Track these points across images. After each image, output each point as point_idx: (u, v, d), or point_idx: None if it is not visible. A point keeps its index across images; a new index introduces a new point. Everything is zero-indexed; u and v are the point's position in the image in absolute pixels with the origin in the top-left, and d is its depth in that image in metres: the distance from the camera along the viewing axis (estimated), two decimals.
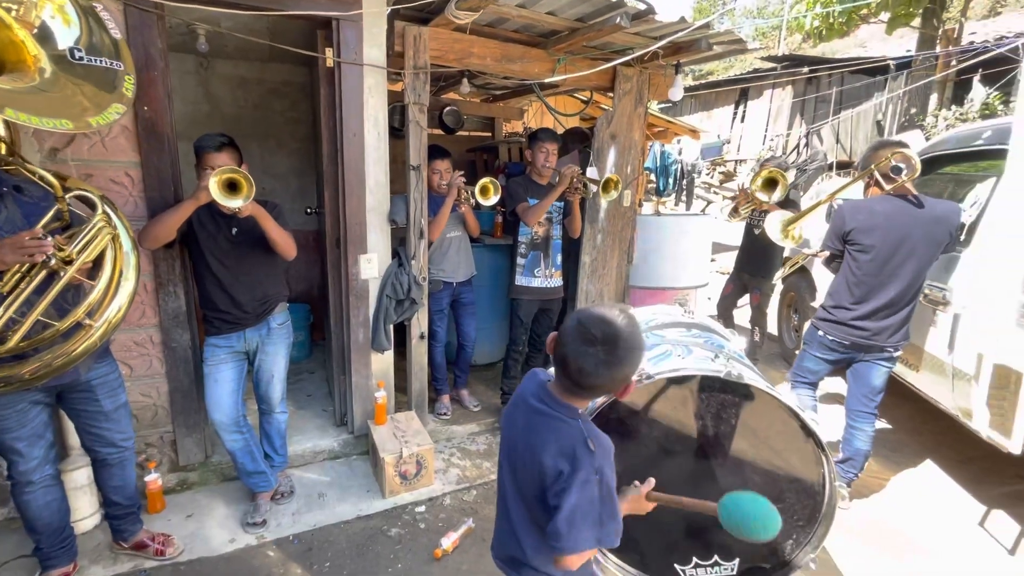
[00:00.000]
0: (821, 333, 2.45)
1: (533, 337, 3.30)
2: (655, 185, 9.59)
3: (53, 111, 1.49)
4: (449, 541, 2.20)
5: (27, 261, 1.49)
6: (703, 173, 10.66)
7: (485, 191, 2.76)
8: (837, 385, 3.78)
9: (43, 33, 1.55)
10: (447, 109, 4.97)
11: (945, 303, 2.45)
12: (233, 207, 1.89)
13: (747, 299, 4.19)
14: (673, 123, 6.74)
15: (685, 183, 9.73)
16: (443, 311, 3.16)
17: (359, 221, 2.64)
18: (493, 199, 2.77)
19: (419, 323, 2.91)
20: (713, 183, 12.00)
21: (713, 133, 14.29)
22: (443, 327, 3.19)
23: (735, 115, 14.55)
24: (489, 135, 5.56)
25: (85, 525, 2.22)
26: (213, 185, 1.83)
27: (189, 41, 3.06)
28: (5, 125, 1.70)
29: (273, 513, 2.40)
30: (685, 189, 9.81)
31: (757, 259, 3.90)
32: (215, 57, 3.80)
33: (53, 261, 1.51)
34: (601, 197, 2.98)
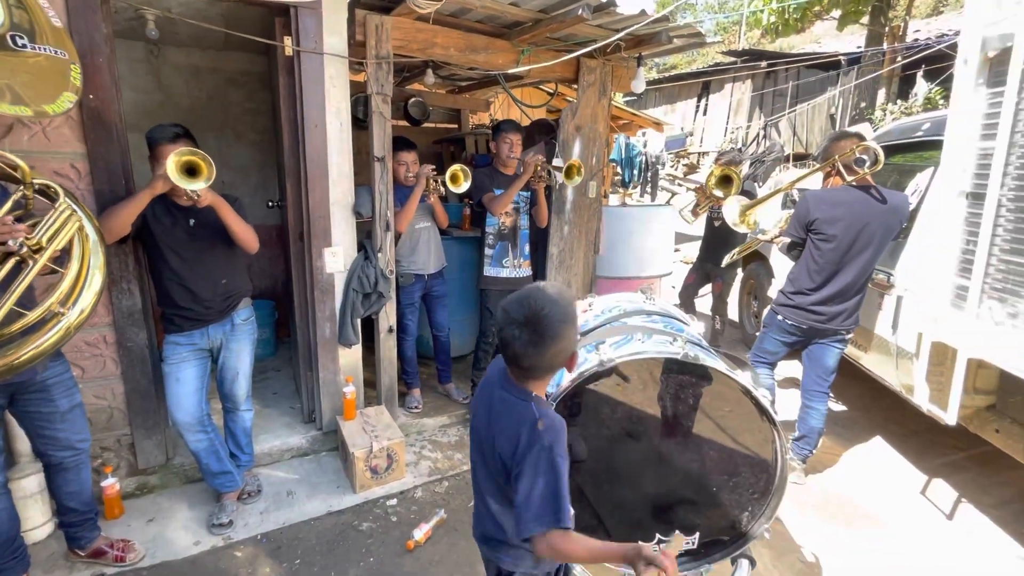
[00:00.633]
0: (780, 318, 2.56)
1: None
2: (621, 177, 9.73)
3: (12, 97, 1.42)
4: (421, 532, 2.20)
5: None
6: (667, 165, 10.88)
7: (455, 179, 2.75)
8: (795, 370, 3.95)
9: None
10: (412, 100, 4.90)
11: (890, 286, 2.60)
12: (194, 189, 1.82)
13: (709, 287, 4.34)
14: (638, 116, 6.85)
15: (649, 175, 9.91)
16: (415, 304, 3.14)
17: (323, 214, 2.59)
18: (464, 186, 2.76)
19: (387, 316, 2.89)
20: (677, 175, 12.26)
21: (677, 126, 14.59)
22: (414, 320, 3.17)
23: (698, 108, 14.87)
24: (456, 127, 5.52)
25: (37, 535, 2.13)
26: (171, 167, 1.76)
27: (138, 27, 2.91)
28: None
29: (240, 513, 2.35)
30: (650, 181, 10.00)
31: (718, 249, 4.03)
32: (166, 44, 3.64)
33: (24, 249, 1.44)
34: (565, 182, 3.01)
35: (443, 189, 2.84)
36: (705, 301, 4.73)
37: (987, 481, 2.70)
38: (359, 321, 2.79)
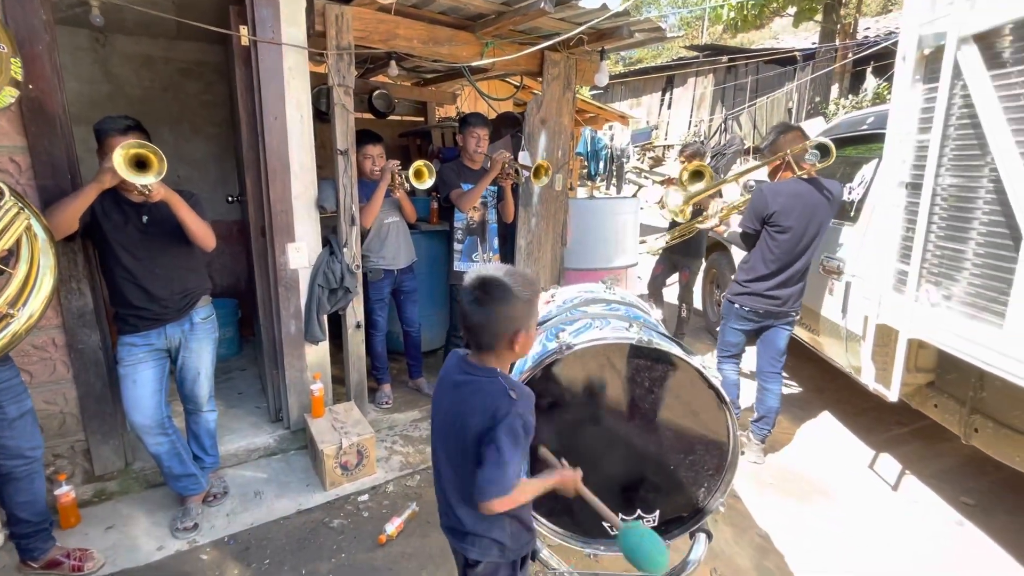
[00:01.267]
0: (737, 306, 2.67)
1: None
2: (587, 170, 9.83)
3: None
4: (393, 526, 2.21)
5: None
6: (632, 158, 11.04)
7: (419, 174, 2.73)
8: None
9: None
10: (377, 92, 4.83)
11: (839, 273, 2.73)
12: (144, 184, 1.74)
13: (676, 277, 4.46)
14: (604, 109, 6.95)
15: (615, 168, 10.03)
16: (384, 300, 3.12)
17: (285, 208, 2.54)
18: (428, 182, 2.75)
19: (354, 312, 2.86)
20: (643, 168, 12.46)
21: (642, 120, 14.81)
22: (384, 316, 3.15)
23: (662, 102, 15.14)
24: (422, 120, 5.47)
25: None
26: (119, 160, 1.68)
27: (82, 14, 2.77)
28: None
29: (206, 516, 2.30)
30: (615, 174, 10.12)
31: (685, 240, 4.14)
32: (114, 32, 3.47)
33: None
34: (533, 183, 3.04)
35: (408, 185, 2.82)
36: (672, 290, 4.85)
37: (928, 453, 2.88)
38: (326, 317, 2.76)
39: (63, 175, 2.04)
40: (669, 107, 14.92)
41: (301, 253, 2.63)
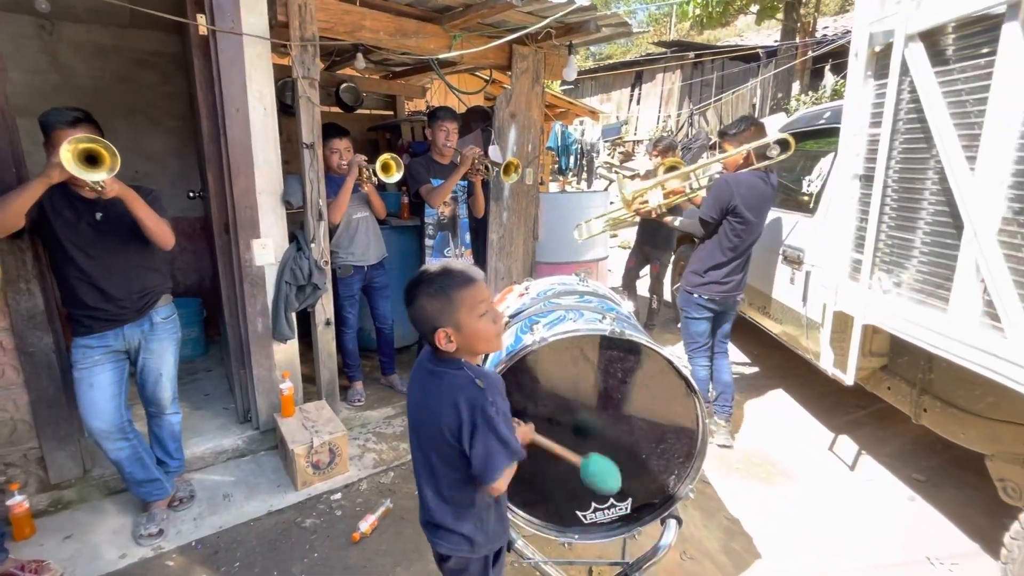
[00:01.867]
0: (696, 295, 2.76)
1: None
2: (558, 164, 9.89)
3: None
4: (367, 524, 2.19)
5: None
6: (602, 153, 11.15)
7: (387, 168, 2.70)
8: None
9: None
10: (344, 85, 4.73)
11: (800, 263, 2.83)
12: (95, 181, 1.66)
13: (648, 269, 4.55)
14: (574, 104, 6.98)
15: (585, 162, 10.13)
16: (354, 297, 3.07)
17: (249, 204, 2.47)
18: (396, 175, 2.72)
19: (324, 309, 2.81)
20: (614, 163, 12.60)
21: (612, 115, 14.95)
22: (354, 313, 3.11)
23: (631, 97, 15.32)
24: (391, 113, 5.39)
25: None
26: (67, 156, 1.59)
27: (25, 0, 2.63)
28: None
29: (171, 521, 2.24)
30: (586, 168, 10.22)
31: (655, 233, 4.23)
32: (61, 19, 3.31)
33: None
34: (503, 180, 3.04)
35: (376, 179, 2.78)
36: (644, 282, 4.95)
37: (883, 433, 3.03)
38: (294, 315, 2.70)
39: (7, 169, 1.94)
40: (638, 102, 15.12)
41: (267, 250, 2.56)
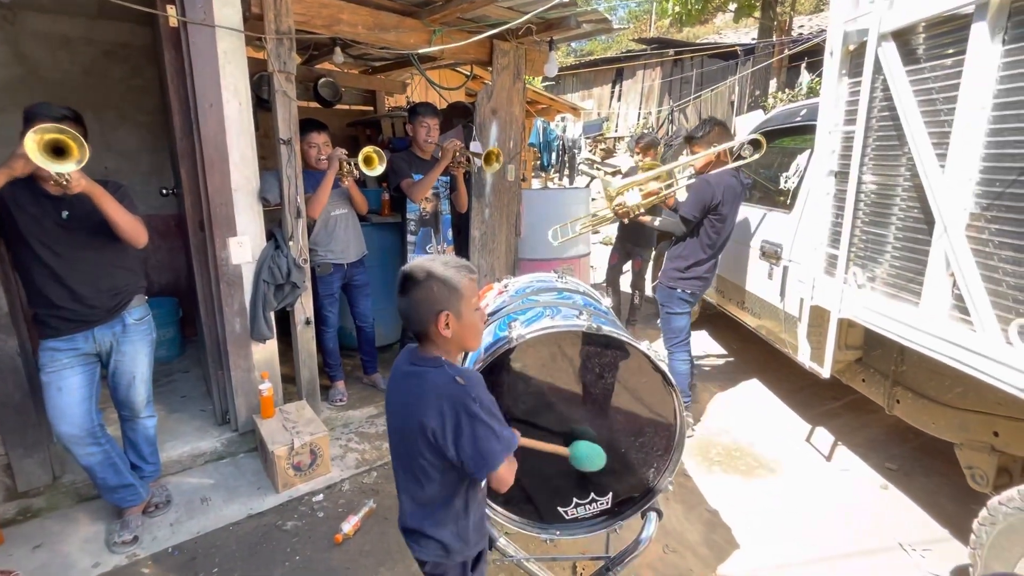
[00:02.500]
0: (679, 290, 2.81)
1: None
2: (540, 161, 9.89)
3: None
4: (349, 525, 2.17)
5: None
6: (584, 150, 11.19)
7: (369, 161, 2.66)
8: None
9: None
10: (323, 80, 4.65)
11: (777, 258, 2.88)
12: (60, 173, 1.59)
13: (630, 265, 4.58)
14: (556, 100, 6.97)
15: (567, 159, 10.15)
16: (334, 295, 3.03)
17: (224, 201, 2.42)
18: (379, 169, 2.68)
19: (303, 308, 2.77)
20: (595, 159, 12.65)
21: (593, 111, 15.00)
22: (334, 312, 3.06)
23: (612, 94, 15.38)
24: (371, 109, 5.32)
25: None
26: (31, 145, 1.52)
27: None
28: None
29: (147, 527, 2.18)
30: (567, 165, 10.25)
31: (636, 229, 4.26)
32: (24, 9, 3.18)
33: None
34: (484, 170, 3.02)
35: (357, 172, 2.74)
36: (626, 278, 4.98)
37: (857, 424, 3.11)
38: (272, 314, 2.66)
39: None
40: (619, 99, 15.19)
41: (244, 248, 2.51)
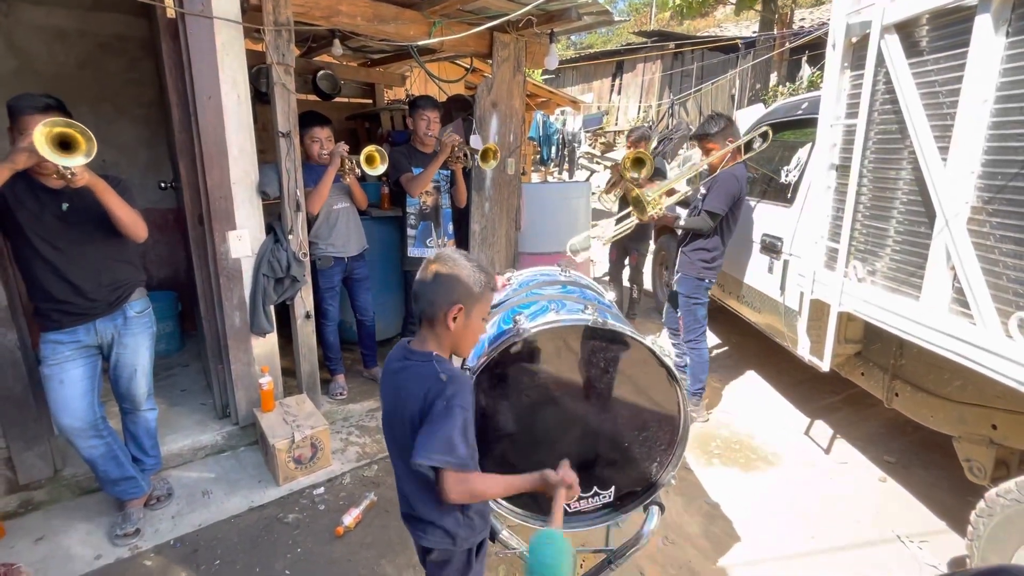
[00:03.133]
0: (706, 281, 2.85)
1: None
2: (540, 155, 9.86)
3: None
4: (351, 518, 2.18)
5: None
6: (584, 143, 11.15)
7: (371, 160, 2.65)
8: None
9: None
10: (321, 73, 4.62)
11: (778, 252, 2.88)
12: (68, 167, 1.58)
13: (627, 260, 4.58)
14: (555, 93, 6.95)
15: (566, 152, 10.12)
16: (335, 288, 3.03)
17: (224, 194, 2.41)
18: (380, 168, 2.67)
19: (303, 302, 2.76)
20: (595, 153, 12.61)
21: (593, 105, 14.94)
22: (335, 305, 3.06)
23: (612, 87, 15.31)
24: (370, 102, 5.29)
25: None
26: (40, 139, 1.52)
27: None
28: None
29: (148, 520, 2.19)
30: (567, 158, 10.22)
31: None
32: (18, 1, 3.15)
33: None
34: (481, 166, 3.01)
35: (359, 170, 2.73)
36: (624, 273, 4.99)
37: (856, 417, 3.12)
38: (272, 308, 2.65)
39: None
40: (619, 92, 15.12)
41: (243, 241, 2.50)
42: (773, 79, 10.33)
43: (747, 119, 4.99)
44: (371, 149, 2.63)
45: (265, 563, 2.00)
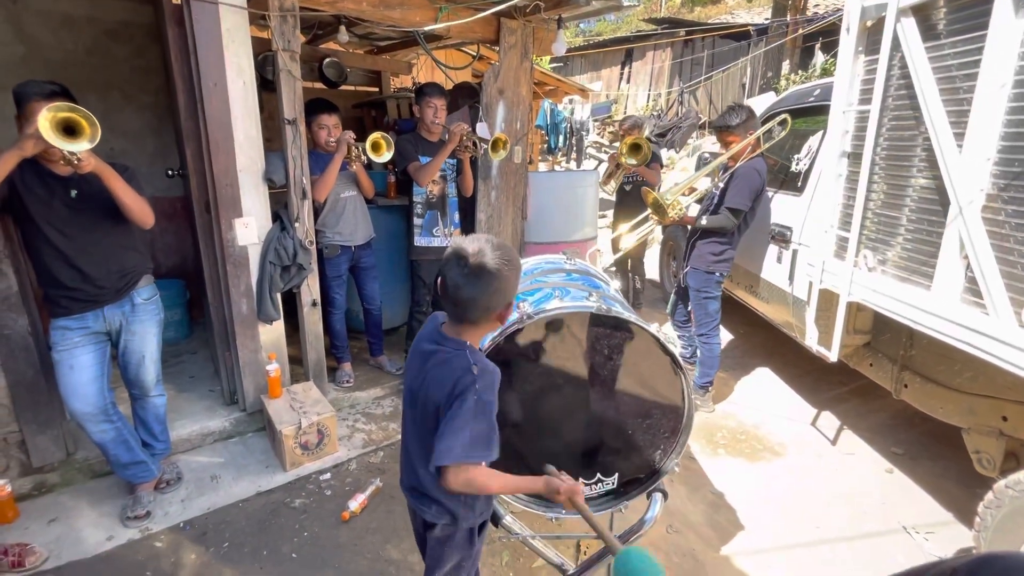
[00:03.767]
0: (717, 274, 2.81)
1: (437, 297, 3.30)
2: (547, 143, 9.79)
3: None
4: (356, 503, 2.20)
5: None
6: (592, 132, 11.05)
7: (377, 147, 2.64)
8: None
9: None
10: (327, 61, 4.60)
11: (787, 242, 2.84)
12: (74, 152, 1.59)
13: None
14: (564, 81, 6.87)
15: (574, 141, 10.04)
16: (341, 277, 3.03)
17: (230, 182, 2.41)
18: (386, 155, 2.66)
19: (310, 290, 2.77)
20: (603, 142, 12.50)
21: (602, 93, 14.78)
22: (342, 294, 3.07)
23: (622, 75, 15.13)
24: (376, 90, 5.26)
25: None
26: (45, 124, 1.52)
27: None
28: None
29: (159, 503, 2.23)
30: (575, 147, 10.14)
31: (630, 213, 4.21)
32: None
33: None
34: (491, 156, 2.99)
35: (365, 158, 2.72)
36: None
37: (864, 409, 3.10)
38: (279, 296, 2.66)
39: None
40: (628, 81, 14.94)
41: (250, 229, 2.51)
42: (785, 67, 10.15)
43: (758, 108, 4.91)
44: (376, 136, 2.62)
45: (272, 546, 2.03)
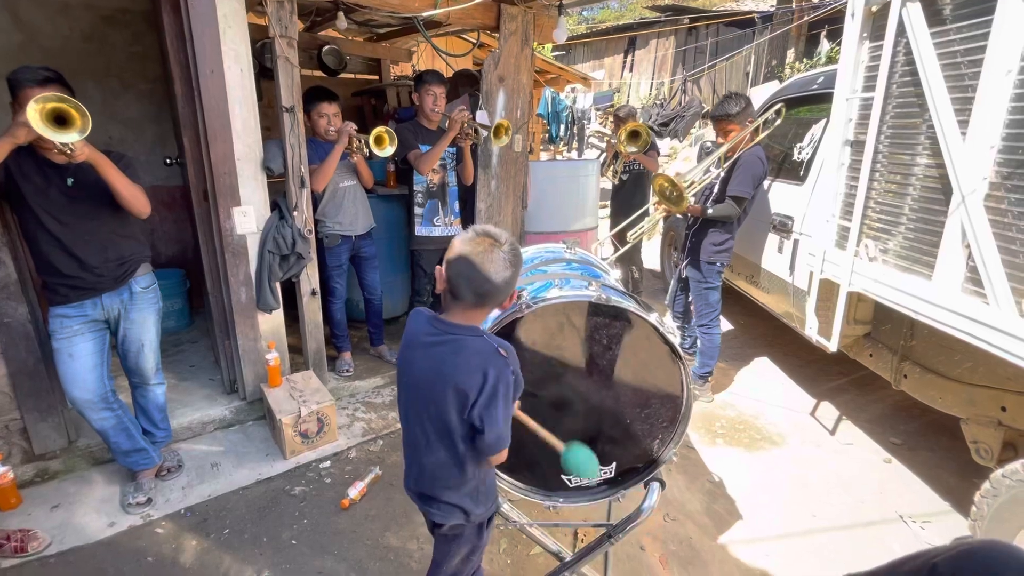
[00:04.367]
0: (719, 264, 2.80)
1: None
2: (548, 132, 9.72)
3: None
4: (356, 491, 2.22)
5: None
6: (594, 121, 10.96)
7: (380, 141, 2.61)
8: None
9: None
10: (326, 48, 4.56)
11: (788, 231, 2.83)
12: (63, 143, 1.58)
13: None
14: (565, 70, 6.81)
15: (576, 130, 9.96)
16: (342, 266, 3.03)
17: (228, 170, 2.40)
18: (390, 149, 2.64)
19: (309, 279, 2.77)
20: (605, 131, 12.41)
21: (604, 82, 14.64)
22: (342, 283, 3.07)
23: (624, 64, 14.97)
24: (376, 78, 5.22)
25: None
26: (33, 115, 1.51)
27: None
28: None
29: (160, 490, 2.25)
30: (576, 136, 10.07)
31: (626, 204, 4.20)
32: None
33: None
34: (493, 143, 2.97)
35: (367, 151, 2.70)
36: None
37: (863, 400, 3.10)
38: (278, 285, 2.66)
39: None
40: (631, 69, 14.78)
41: (248, 217, 2.50)
42: (790, 55, 10.04)
43: (761, 97, 4.87)
44: (380, 130, 2.60)
45: (272, 533, 2.05)
